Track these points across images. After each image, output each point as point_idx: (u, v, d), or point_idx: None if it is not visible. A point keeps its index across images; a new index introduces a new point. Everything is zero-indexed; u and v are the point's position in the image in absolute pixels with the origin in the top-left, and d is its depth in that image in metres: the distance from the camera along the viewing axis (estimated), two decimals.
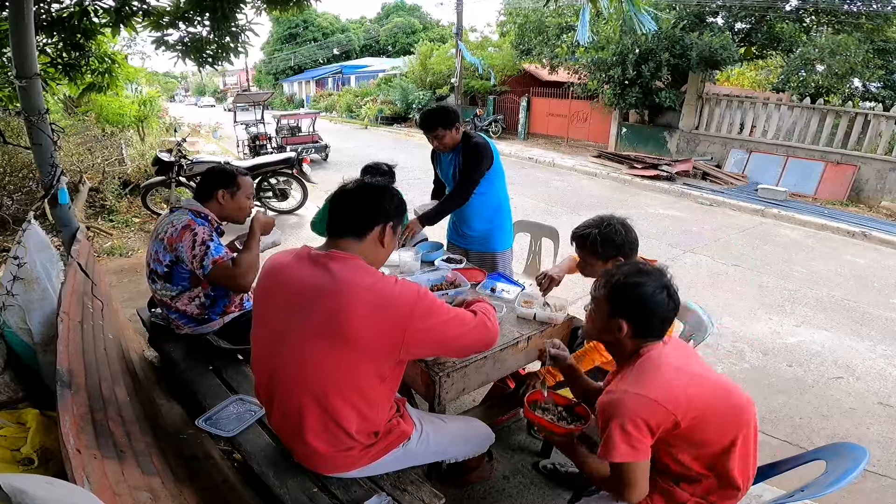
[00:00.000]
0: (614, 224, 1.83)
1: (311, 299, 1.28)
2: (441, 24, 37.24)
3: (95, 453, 1.34)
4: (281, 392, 1.36)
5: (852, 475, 1.17)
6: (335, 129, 18.94)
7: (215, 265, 1.96)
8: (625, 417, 1.16)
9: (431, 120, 2.52)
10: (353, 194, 1.40)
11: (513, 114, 15.70)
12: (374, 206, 1.39)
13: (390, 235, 1.41)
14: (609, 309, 1.32)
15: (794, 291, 4.46)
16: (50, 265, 2.16)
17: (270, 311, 1.39)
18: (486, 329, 1.43)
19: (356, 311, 1.24)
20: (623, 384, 1.23)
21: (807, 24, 11.21)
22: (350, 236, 1.35)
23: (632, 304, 1.29)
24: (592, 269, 1.92)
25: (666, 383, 1.20)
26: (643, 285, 1.28)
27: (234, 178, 2.14)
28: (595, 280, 1.41)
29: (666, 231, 6.22)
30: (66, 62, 3.91)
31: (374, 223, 1.37)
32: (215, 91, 51.97)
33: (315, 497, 1.39)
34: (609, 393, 1.24)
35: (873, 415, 2.79)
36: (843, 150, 8.39)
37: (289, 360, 1.32)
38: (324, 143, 11.01)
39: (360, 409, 1.33)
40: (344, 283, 1.26)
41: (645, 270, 1.32)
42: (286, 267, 1.38)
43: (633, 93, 10.61)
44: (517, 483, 2.15)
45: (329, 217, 1.39)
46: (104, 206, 6.16)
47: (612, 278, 1.34)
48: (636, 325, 1.29)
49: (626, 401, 1.18)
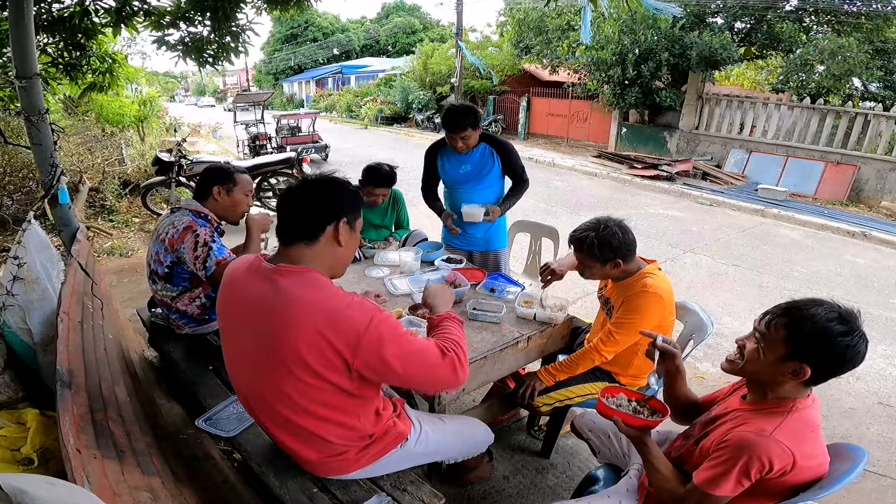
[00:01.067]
0: (611, 226, 1.82)
1: (260, 319, 1.21)
2: (441, 24, 37.26)
3: (95, 453, 1.34)
4: (259, 412, 1.35)
5: (851, 476, 1.17)
6: (335, 129, 18.94)
7: (218, 266, 1.96)
8: (756, 461, 1.10)
9: (461, 119, 2.50)
10: (298, 194, 1.27)
11: (513, 114, 15.70)
12: (322, 204, 1.25)
13: (347, 232, 1.28)
14: (788, 351, 1.16)
15: (794, 291, 4.46)
16: (50, 265, 2.16)
17: (230, 327, 1.34)
18: (451, 372, 1.27)
19: (304, 331, 1.15)
20: (778, 433, 1.13)
21: (806, 24, 11.21)
22: (300, 242, 1.24)
23: (826, 354, 1.13)
24: (591, 272, 1.91)
25: (815, 452, 1.16)
26: (847, 335, 1.12)
27: (230, 175, 2.14)
28: (766, 314, 1.23)
29: (666, 231, 6.22)
30: (67, 62, 3.92)
31: (324, 223, 1.25)
32: (215, 91, 51.96)
33: (315, 497, 1.39)
34: (754, 433, 1.14)
35: (873, 415, 2.79)
36: (843, 150, 8.39)
37: (258, 384, 1.29)
38: (324, 143, 11.02)
39: (337, 420, 1.29)
40: (289, 301, 1.17)
41: (845, 316, 1.14)
42: (239, 280, 1.30)
43: (633, 93, 10.61)
44: (517, 483, 2.15)
45: (277, 223, 1.28)
46: (104, 206, 6.16)
47: (804, 322, 1.15)
48: (819, 375, 1.16)
49: (771, 448, 1.10)
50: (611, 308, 1.94)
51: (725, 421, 1.27)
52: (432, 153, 2.82)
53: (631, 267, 1.87)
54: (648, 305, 1.80)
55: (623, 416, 1.37)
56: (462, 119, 2.49)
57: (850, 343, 1.12)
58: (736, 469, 1.12)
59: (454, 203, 2.82)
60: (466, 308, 2.07)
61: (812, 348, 1.14)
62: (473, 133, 2.54)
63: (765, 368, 1.21)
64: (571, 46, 11.27)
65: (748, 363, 1.25)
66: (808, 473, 1.15)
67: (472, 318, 2.03)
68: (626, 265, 1.86)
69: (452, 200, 2.84)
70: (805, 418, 1.18)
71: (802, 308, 1.18)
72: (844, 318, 1.14)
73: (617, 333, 1.84)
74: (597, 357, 1.88)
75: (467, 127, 2.50)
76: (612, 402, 1.45)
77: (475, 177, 2.69)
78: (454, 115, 2.51)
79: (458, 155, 2.68)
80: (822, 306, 1.17)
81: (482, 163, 2.67)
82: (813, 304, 1.18)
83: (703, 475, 1.17)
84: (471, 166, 2.68)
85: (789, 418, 1.16)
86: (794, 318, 1.17)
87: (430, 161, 2.84)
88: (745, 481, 1.12)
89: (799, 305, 1.20)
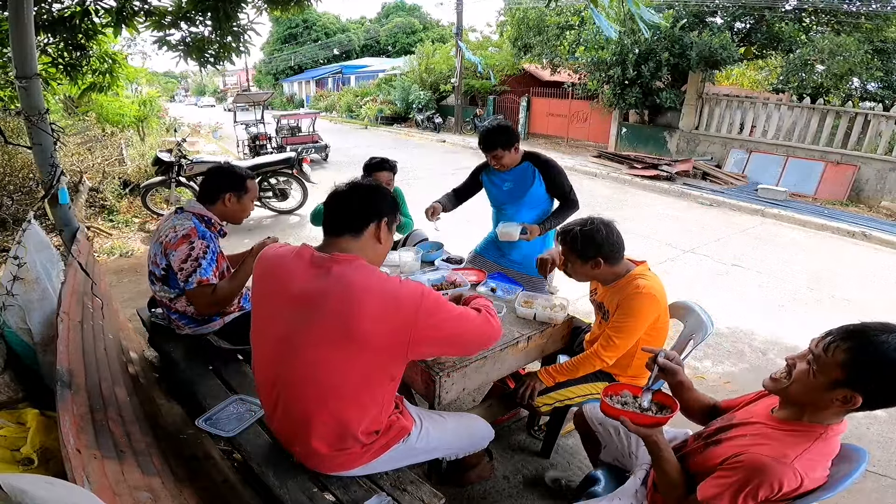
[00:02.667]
0: (597, 224, 1.83)
1: (318, 304, 1.28)
2: (441, 24, 37.27)
3: (95, 453, 1.34)
4: (287, 397, 1.36)
5: (853, 477, 1.16)
6: (335, 129, 18.94)
7: (199, 285, 1.95)
8: (767, 486, 1.06)
9: (492, 139, 2.52)
10: (347, 194, 1.42)
11: (513, 114, 15.70)
12: (368, 203, 1.41)
13: (386, 232, 1.43)
14: (843, 377, 1.07)
15: (794, 291, 4.46)
16: (50, 265, 2.16)
17: (272, 313, 1.37)
18: (489, 325, 1.45)
19: (365, 313, 1.24)
20: (798, 462, 1.08)
21: (806, 24, 11.22)
22: (348, 234, 1.37)
23: (886, 386, 1.05)
24: (573, 269, 1.92)
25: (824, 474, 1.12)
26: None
27: (244, 182, 2.13)
28: (827, 335, 1.13)
29: (666, 231, 6.22)
30: (68, 62, 3.92)
31: (369, 220, 1.39)
32: (215, 91, 51.97)
33: (315, 497, 1.39)
34: (773, 458, 1.09)
35: (873, 415, 2.79)
36: (843, 150, 8.39)
37: (297, 367, 1.31)
38: (324, 143, 11.02)
39: (369, 410, 1.36)
40: (350, 286, 1.27)
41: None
42: (286, 268, 1.36)
43: (633, 93, 10.61)
44: (517, 483, 2.15)
45: (326, 217, 1.41)
46: (104, 206, 6.16)
47: (869, 349, 1.05)
48: (870, 405, 1.09)
49: (786, 474, 1.06)
50: (605, 312, 1.94)
51: (746, 433, 1.21)
52: (477, 171, 2.86)
53: (618, 269, 1.87)
54: (643, 306, 1.80)
55: (631, 416, 1.31)
56: (493, 139, 2.52)
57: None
58: (744, 492, 1.08)
59: (500, 220, 2.77)
60: None
61: (871, 378, 1.05)
62: (506, 153, 2.54)
63: (812, 392, 1.13)
64: (571, 46, 11.28)
65: (795, 383, 1.16)
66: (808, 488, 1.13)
67: None
68: (611, 266, 1.85)
69: (499, 218, 2.81)
70: (830, 446, 1.13)
71: (871, 334, 1.07)
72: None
73: (616, 338, 1.84)
74: (598, 362, 1.88)
75: (497, 147, 2.52)
76: (616, 400, 1.40)
77: (517, 195, 2.67)
78: (486, 134, 2.55)
79: (500, 173, 2.69)
80: (892, 334, 1.05)
81: (523, 181, 2.64)
82: (884, 330, 1.07)
83: (710, 491, 1.13)
84: (512, 184, 2.67)
85: (815, 445, 1.11)
86: (859, 344, 1.07)
87: (473, 177, 2.89)
88: (751, 502, 1.09)
89: (867, 330, 1.09)
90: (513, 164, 2.63)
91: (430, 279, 2.31)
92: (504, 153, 2.54)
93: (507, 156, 2.56)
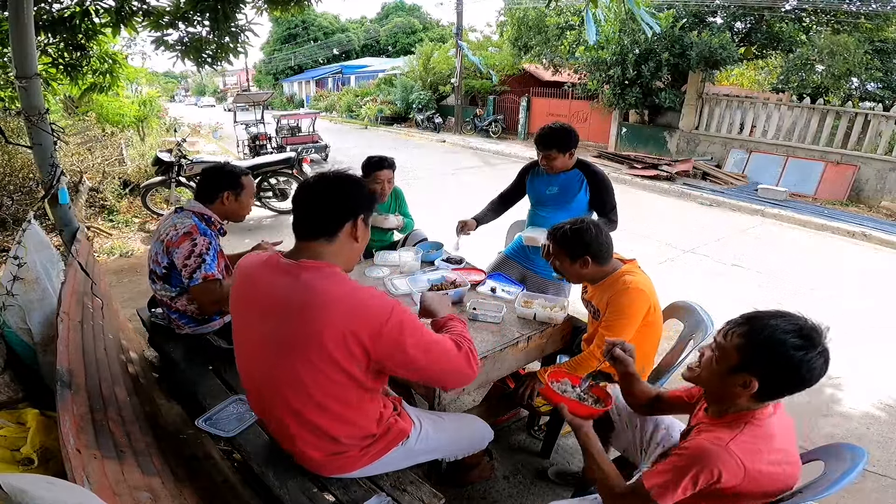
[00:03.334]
0: (587, 223, 1.85)
1: (284, 312, 1.22)
2: (441, 24, 37.28)
3: (95, 453, 1.34)
4: (270, 406, 1.36)
5: (850, 477, 1.17)
6: (335, 129, 18.94)
7: (204, 280, 1.95)
8: (706, 471, 1.09)
9: (549, 140, 2.50)
10: (318, 191, 1.30)
11: (513, 114, 15.70)
12: (342, 202, 1.29)
13: (363, 228, 1.34)
14: (739, 362, 1.14)
15: (794, 291, 4.46)
16: (50, 265, 2.16)
17: (247, 323, 1.34)
18: (464, 366, 1.32)
19: (329, 323, 1.18)
20: (733, 444, 1.11)
21: (806, 24, 11.22)
22: (321, 238, 1.28)
23: (778, 367, 1.10)
24: (562, 267, 1.92)
25: (769, 464, 1.13)
26: (802, 349, 1.08)
27: (239, 179, 2.14)
28: (725, 325, 1.22)
29: (666, 231, 6.21)
30: (68, 62, 3.92)
31: (344, 220, 1.29)
32: (215, 91, 51.96)
33: (315, 497, 1.39)
34: (710, 441, 1.13)
35: (873, 415, 2.79)
36: (843, 150, 8.38)
37: (273, 377, 1.29)
38: (324, 143, 11.02)
39: (346, 417, 1.32)
40: (316, 294, 1.20)
41: (806, 331, 1.10)
42: (255, 276, 1.31)
43: (634, 93, 10.61)
44: (517, 483, 2.15)
45: (295, 219, 1.31)
46: (104, 206, 6.16)
47: (760, 332, 1.12)
48: (769, 390, 1.14)
49: (724, 459, 1.09)
50: (596, 312, 1.95)
51: (692, 434, 1.27)
52: (524, 171, 2.84)
53: (606, 268, 1.89)
54: (633, 302, 1.81)
55: (569, 403, 1.37)
56: (552, 139, 2.50)
57: (803, 358, 1.07)
58: (686, 478, 1.10)
59: (534, 223, 2.77)
60: (466, 308, 2.07)
61: (762, 360, 1.11)
62: (560, 156, 2.51)
63: (716, 379, 1.20)
64: (571, 46, 11.28)
65: (703, 370, 1.24)
66: (770, 481, 1.14)
67: (472, 318, 2.03)
68: (599, 266, 1.87)
69: (533, 221, 2.80)
70: (763, 430, 1.15)
71: (761, 318, 1.15)
72: (805, 333, 1.09)
73: (609, 336, 1.84)
74: (594, 362, 1.88)
75: (554, 148, 2.49)
76: (557, 386, 1.45)
77: (560, 200, 2.65)
78: (547, 133, 2.52)
79: (547, 177, 2.67)
80: (782, 318, 1.13)
81: (568, 187, 2.62)
82: (774, 315, 1.14)
83: (654, 479, 1.15)
84: (557, 189, 2.65)
85: (745, 430, 1.14)
86: (751, 328, 1.14)
87: (519, 178, 2.86)
88: (690, 490, 1.11)
89: (759, 315, 1.17)
90: (564, 168, 2.60)
91: (430, 279, 2.31)
92: (559, 156, 2.51)
93: (561, 159, 2.53)
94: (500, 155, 12.42)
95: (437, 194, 7.55)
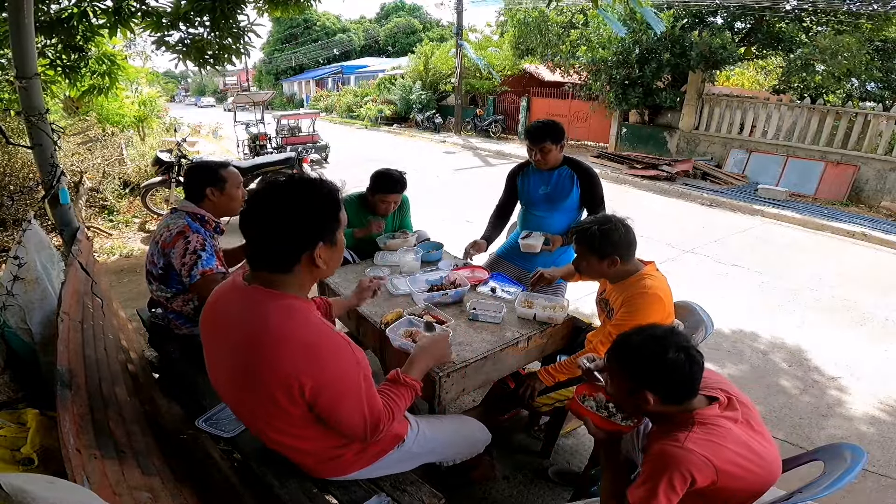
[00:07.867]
0: (615, 222, 1.84)
1: (235, 340, 1.16)
2: (441, 24, 37.25)
3: (95, 453, 1.34)
4: (246, 422, 1.36)
5: (850, 477, 1.17)
6: (335, 129, 18.93)
7: (203, 276, 1.95)
8: (678, 475, 1.12)
9: (542, 132, 2.53)
10: (267, 216, 1.09)
11: (513, 114, 15.70)
12: (296, 230, 1.09)
13: (327, 251, 1.15)
14: (629, 384, 1.24)
15: (794, 291, 4.46)
16: (50, 265, 2.16)
17: (211, 343, 1.29)
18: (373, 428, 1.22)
19: (275, 362, 1.09)
20: (690, 442, 1.15)
21: (806, 24, 11.21)
22: (276, 272, 1.14)
23: (654, 375, 1.20)
24: (588, 267, 1.92)
25: (746, 454, 1.16)
26: (663, 353, 1.18)
27: (217, 173, 2.10)
28: (606, 354, 1.32)
29: (666, 231, 6.21)
30: (66, 64, 3.91)
31: (300, 253, 1.11)
32: (215, 91, 51.94)
33: (315, 497, 1.39)
34: (668, 443, 1.17)
35: (873, 415, 2.79)
36: (843, 150, 8.38)
37: (237, 399, 1.29)
38: (324, 143, 11.02)
39: (318, 443, 1.30)
40: (267, 331, 1.09)
41: (656, 335, 1.22)
42: (222, 298, 1.25)
43: (636, 93, 10.60)
44: (517, 483, 2.15)
45: (246, 244, 1.16)
46: (104, 206, 6.16)
47: (622, 351, 1.25)
48: (668, 394, 1.21)
49: (690, 459, 1.12)
50: (610, 310, 1.94)
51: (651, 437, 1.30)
52: (513, 175, 2.83)
53: (629, 268, 1.88)
54: (649, 306, 1.80)
55: (595, 419, 1.34)
56: (543, 132, 2.53)
57: (669, 358, 1.17)
58: (662, 484, 1.12)
59: (527, 225, 2.78)
60: (466, 308, 2.07)
61: (640, 375, 1.21)
62: (553, 148, 2.55)
63: (626, 401, 1.28)
64: (573, 45, 11.27)
65: (615, 397, 1.34)
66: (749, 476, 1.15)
67: (472, 318, 2.03)
68: (624, 265, 1.86)
69: (526, 222, 2.81)
70: (717, 426, 1.17)
71: (625, 341, 1.26)
72: (658, 338, 1.20)
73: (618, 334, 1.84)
74: None
75: (547, 139, 2.53)
76: (586, 401, 1.43)
77: (552, 199, 2.66)
78: (538, 126, 2.56)
79: (537, 175, 2.68)
80: (638, 334, 1.25)
81: (560, 185, 2.64)
82: (634, 333, 1.26)
83: (636, 493, 1.17)
84: (549, 188, 2.66)
85: (697, 428, 1.17)
86: (620, 353, 1.26)
87: (510, 182, 2.85)
88: (674, 496, 1.12)
89: (623, 339, 1.27)
90: (555, 164, 2.63)
91: (429, 279, 2.31)
92: (552, 147, 2.54)
93: (554, 152, 2.56)
94: (501, 155, 12.42)
95: (436, 195, 7.58)
